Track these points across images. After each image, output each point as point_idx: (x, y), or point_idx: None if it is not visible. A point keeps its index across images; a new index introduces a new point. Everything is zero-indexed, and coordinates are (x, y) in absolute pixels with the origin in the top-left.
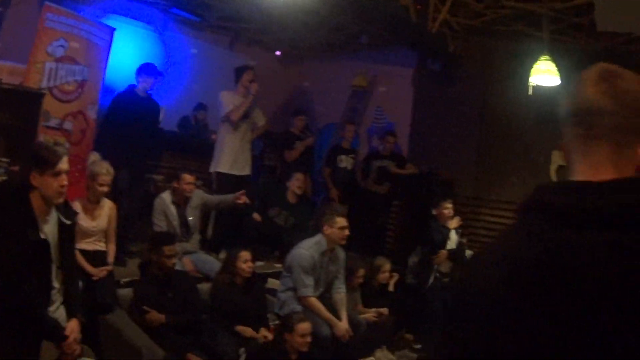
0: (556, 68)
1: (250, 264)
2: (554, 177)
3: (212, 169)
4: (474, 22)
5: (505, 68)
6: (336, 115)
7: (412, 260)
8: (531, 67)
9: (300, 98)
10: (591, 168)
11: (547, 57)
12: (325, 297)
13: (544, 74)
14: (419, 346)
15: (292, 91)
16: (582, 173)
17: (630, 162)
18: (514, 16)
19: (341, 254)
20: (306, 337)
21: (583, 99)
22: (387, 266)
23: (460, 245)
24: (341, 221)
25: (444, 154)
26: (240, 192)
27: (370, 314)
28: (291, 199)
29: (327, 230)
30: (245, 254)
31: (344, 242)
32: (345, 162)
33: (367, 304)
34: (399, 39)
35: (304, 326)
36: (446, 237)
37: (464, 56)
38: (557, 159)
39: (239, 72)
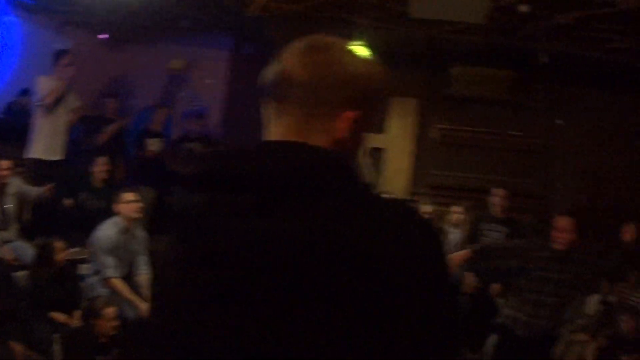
0: (372, 54)
1: (64, 253)
2: (365, 158)
3: (25, 155)
4: (293, 7)
5: None
6: (155, 99)
7: None
8: None
9: (122, 82)
10: (277, 136)
11: (361, 43)
12: (131, 279)
13: None
14: None
15: (115, 75)
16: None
17: (324, 134)
18: (336, 3)
19: (140, 232)
20: (112, 321)
21: (281, 70)
22: None
23: None
24: (128, 196)
25: (258, 135)
26: (48, 186)
27: None
28: (97, 183)
29: (118, 207)
30: (59, 245)
31: (137, 216)
32: (153, 145)
33: None
34: (218, 22)
35: (109, 310)
36: None
37: (281, 41)
38: (368, 142)
39: (56, 56)
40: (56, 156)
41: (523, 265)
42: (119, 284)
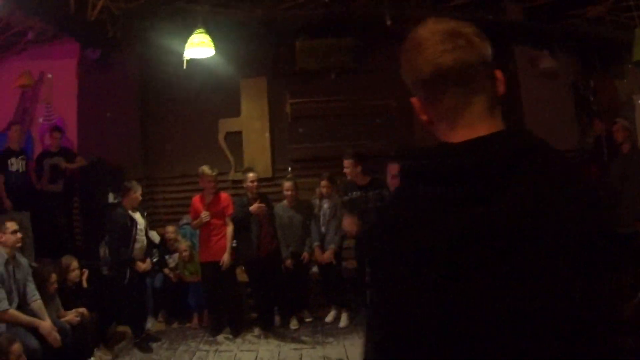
0: (211, 39)
1: None
2: (223, 144)
3: None
4: (132, 5)
5: (163, 46)
6: (9, 118)
7: (104, 250)
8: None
9: None
10: (470, 128)
11: (201, 30)
12: (25, 309)
13: (199, 46)
14: (137, 340)
15: None
16: (459, 135)
17: (500, 114)
18: None
19: (23, 260)
20: (21, 357)
21: (450, 58)
22: (74, 264)
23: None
24: (11, 225)
25: (111, 141)
26: None
27: (70, 316)
28: None
29: (1, 238)
30: None
31: (19, 245)
32: (16, 164)
33: (68, 307)
34: (62, 30)
35: (16, 347)
36: (133, 222)
37: (123, 41)
38: (224, 127)
39: None
40: None
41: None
42: (14, 314)
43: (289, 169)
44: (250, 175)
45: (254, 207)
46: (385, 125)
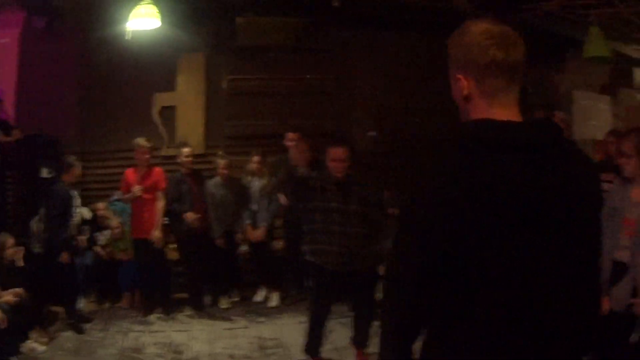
0: (157, 11)
1: None
2: (157, 119)
3: None
4: None
5: (106, 16)
6: None
7: (37, 226)
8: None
9: None
10: (506, 109)
11: (149, 2)
12: None
13: (145, 17)
14: (71, 321)
15: None
16: (497, 113)
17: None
18: None
19: None
20: None
21: (509, 54)
22: (10, 241)
23: None
24: None
25: (51, 114)
26: None
27: (7, 297)
28: None
29: None
30: None
31: None
32: None
33: (6, 287)
34: None
35: None
36: (72, 199)
37: (68, 10)
38: (159, 102)
39: None
40: None
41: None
42: None
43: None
44: (185, 150)
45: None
46: (324, 104)
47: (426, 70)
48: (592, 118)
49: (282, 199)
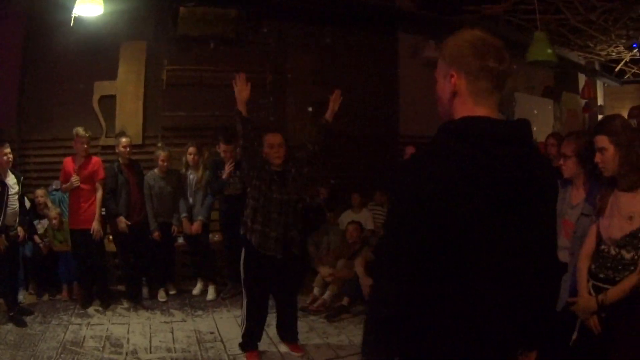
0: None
1: None
2: (97, 107)
3: None
4: None
5: (50, 2)
6: None
7: None
8: None
9: None
10: (488, 109)
11: None
12: None
13: (89, 3)
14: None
15: None
16: (482, 111)
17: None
18: None
19: None
20: None
21: (500, 64)
22: None
23: None
24: None
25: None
26: None
27: None
28: None
29: None
30: None
31: None
32: None
33: None
34: None
35: None
36: (4, 187)
37: None
38: (99, 90)
39: None
40: None
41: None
42: None
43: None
44: (124, 139)
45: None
46: (261, 98)
47: (364, 66)
48: (534, 120)
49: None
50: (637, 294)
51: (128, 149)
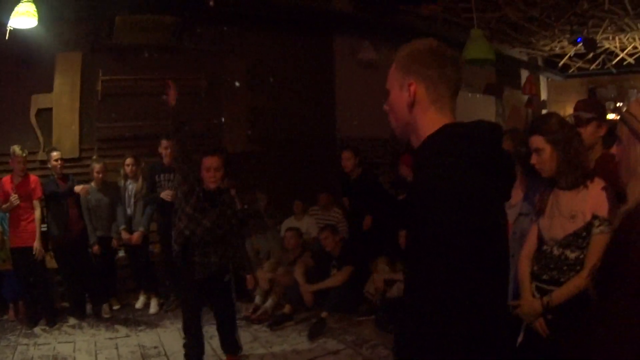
0: (36, 10)
1: None
2: (34, 120)
3: None
4: None
5: None
6: None
7: None
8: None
9: None
10: (451, 115)
11: (29, 0)
12: None
13: (23, 15)
14: None
15: None
16: (449, 117)
17: None
18: None
19: None
20: None
21: (456, 72)
22: None
23: None
24: None
25: None
26: None
27: None
28: None
29: None
30: None
31: None
32: None
33: None
34: None
35: None
36: None
37: None
38: (36, 103)
39: None
40: None
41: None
42: None
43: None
44: (54, 154)
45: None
46: (196, 105)
47: (301, 69)
48: (475, 117)
49: (167, 194)
50: (584, 295)
51: (59, 163)
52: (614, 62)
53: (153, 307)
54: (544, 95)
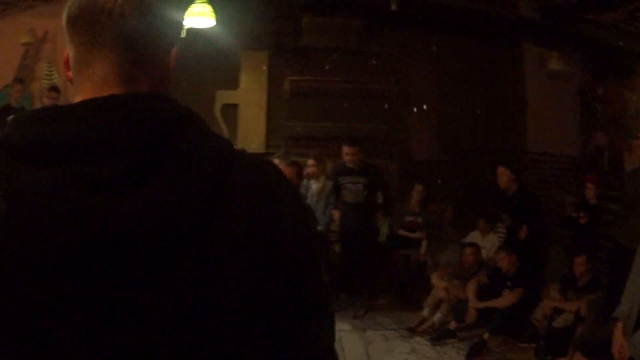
0: (212, 10)
1: None
2: (219, 116)
3: None
4: None
5: None
6: (11, 76)
7: None
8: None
9: None
10: (95, 85)
11: (204, 0)
12: None
13: (198, 16)
14: None
15: None
16: (83, 93)
17: (147, 76)
18: None
19: None
20: None
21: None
22: None
23: None
24: None
25: None
26: None
27: None
28: None
29: None
30: None
31: None
32: None
33: None
34: None
35: None
36: None
37: None
38: (220, 99)
39: None
40: None
41: None
42: None
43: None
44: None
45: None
46: (383, 109)
47: (487, 78)
48: None
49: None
50: None
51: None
52: None
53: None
54: None
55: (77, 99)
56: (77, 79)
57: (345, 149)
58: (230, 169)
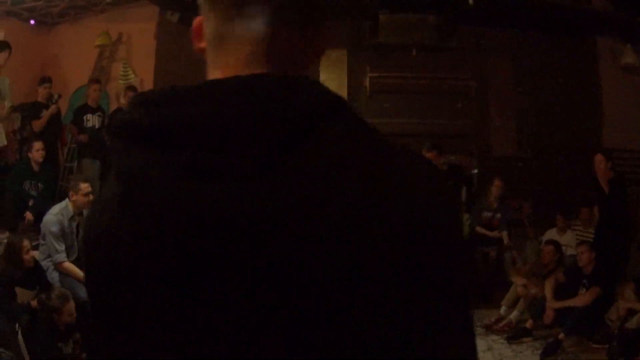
0: None
1: (32, 253)
2: None
3: None
4: None
5: None
6: (86, 77)
7: None
8: None
9: (51, 65)
10: (238, 61)
11: None
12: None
13: None
14: None
15: (44, 59)
16: (222, 69)
17: (293, 55)
18: None
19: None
20: (72, 315)
21: None
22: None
23: None
24: (85, 187)
25: None
26: None
27: None
28: (35, 167)
29: (73, 197)
30: (26, 244)
31: (88, 206)
32: (92, 121)
33: None
34: None
35: (69, 307)
36: None
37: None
38: None
39: None
40: None
41: None
42: (71, 267)
43: None
44: None
45: None
46: (462, 105)
47: (561, 72)
48: None
49: None
50: None
51: None
52: None
53: None
54: None
55: (215, 74)
56: (215, 52)
57: (425, 154)
58: (386, 166)
